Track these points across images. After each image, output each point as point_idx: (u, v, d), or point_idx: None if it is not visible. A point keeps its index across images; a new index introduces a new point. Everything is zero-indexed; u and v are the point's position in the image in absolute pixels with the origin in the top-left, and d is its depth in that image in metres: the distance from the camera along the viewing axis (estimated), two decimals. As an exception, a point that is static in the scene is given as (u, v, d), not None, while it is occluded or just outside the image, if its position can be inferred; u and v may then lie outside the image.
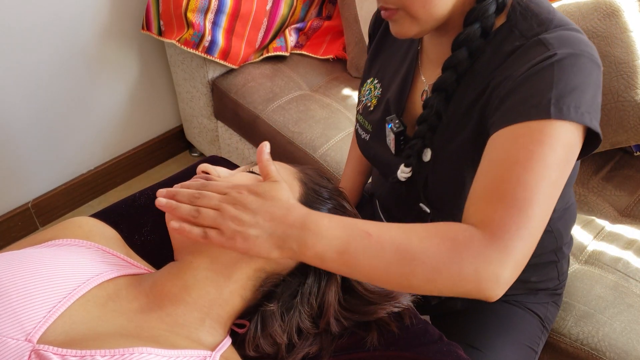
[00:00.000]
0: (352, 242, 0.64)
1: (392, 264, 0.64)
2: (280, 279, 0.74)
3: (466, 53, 0.77)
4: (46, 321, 0.62)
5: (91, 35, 1.69)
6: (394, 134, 0.88)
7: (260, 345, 0.72)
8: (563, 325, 1.11)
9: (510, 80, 0.72)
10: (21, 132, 1.69)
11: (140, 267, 0.79)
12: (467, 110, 0.79)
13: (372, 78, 0.98)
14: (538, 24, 0.74)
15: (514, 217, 0.64)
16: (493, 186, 0.67)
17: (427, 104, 0.82)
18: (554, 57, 0.69)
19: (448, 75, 0.79)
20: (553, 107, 0.67)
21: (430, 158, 0.85)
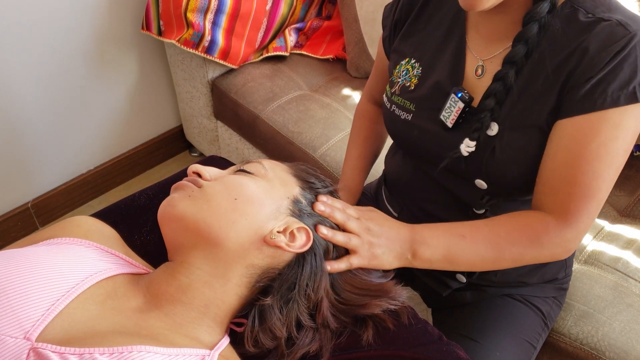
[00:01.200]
0: (452, 245, 0.82)
1: (485, 256, 0.83)
2: (276, 273, 0.74)
3: (537, 28, 0.78)
4: (45, 319, 0.62)
5: (91, 35, 1.70)
6: (465, 103, 0.86)
7: (259, 339, 0.72)
8: (563, 324, 1.11)
9: (591, 62, 0.75)
10: (21, 132, 1.69)
11: (139, 266, 0.79)
12: (544, 84, 0.80)
13: (408, 59, 0.96)
14: (599, 2, 0.77)
15: (587, 204, 0.78)
16: (572, 177, 0.78)
17: (499, 76, 0.83)
18: (635, 39, 0.73)
19: (520, 48, 0.80)
20: (639, 91, 0.73)
21: (497, 132, 0.85)
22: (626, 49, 0.73)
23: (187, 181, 0.76)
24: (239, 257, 0.71)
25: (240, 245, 0.71)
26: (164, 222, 0.75)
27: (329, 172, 1.48)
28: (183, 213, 0.72)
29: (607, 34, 0.74)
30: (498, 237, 0.82)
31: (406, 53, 0.97)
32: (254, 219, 0.72)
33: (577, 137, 0.77)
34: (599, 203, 0.79)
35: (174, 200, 0.74)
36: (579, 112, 0.76)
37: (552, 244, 0.81)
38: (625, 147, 0.77)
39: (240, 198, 0.73)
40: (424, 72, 0.93)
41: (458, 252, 0.82)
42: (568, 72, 0.77)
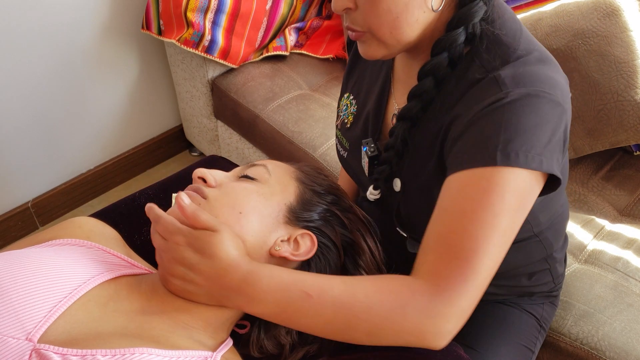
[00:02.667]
0: (291, 304, 0.65)
1: (332, 322, 0.65)
2: None
3: (432, 82, 0.75)
4: (47, 320, 0.62)
5: (91, 35, 1.69)
6: (368, 158, 0.86)
7: (264, 346, 0.72)
8: (563, 324, 1.11)
9: (462, 120, 0.71)
10: (21, 131, 1.69)
11: (140, 267, 0.79)
12: (431, 143, 0.78)
13: (348, 93, 0.96)
14: (500, 54, 0.72)
15: (460, 269, 0.64)
16: (441, 237, 0.67)
17: (392, 132, 0.81)
18: (505, 99, 0.67)
19: (413, 104, 0.77)
20: (500, 153, 0.65)
21: (400, 188, 0.84)
22: (492, 105, 0.67)
23: (192, 190, 0.74)
24: None
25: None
26: None
27: (329, 171, 1.48)
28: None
29: (480, 91, 0.70)
30: (353, 300, 0.65)
31: (347, 87, 0.96)
32: (258, 233, 0.71)
33: (451, 196, 0.69)
34: (476, 272, 0.64)
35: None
36: (451, 171, 0.70)
37: (417, 314, 0.64)
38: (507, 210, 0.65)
39: (245, 211, 0.72)
40: (358, 110, 0.92)
41: (296, 313, 0.65)
42: (446, 130, 0.74)
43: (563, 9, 1.35)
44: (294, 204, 0.76)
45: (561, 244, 1.01)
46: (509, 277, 0.90)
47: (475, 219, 0.65)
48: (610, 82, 1.28)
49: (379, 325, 0.65)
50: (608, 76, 1.28)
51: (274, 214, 0.73)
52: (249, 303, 0.66)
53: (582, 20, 1.30)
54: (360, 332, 0.65)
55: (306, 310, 0.65)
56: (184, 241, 0.66)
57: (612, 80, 1.28)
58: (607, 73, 1.28)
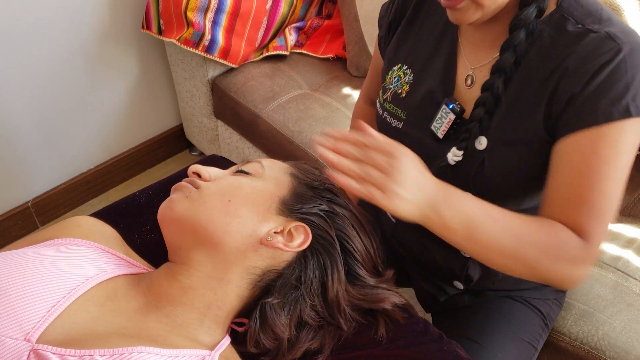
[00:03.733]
0: (477, 219, 0.73)
1: (505, 246, 0.74)
2: (278, 273, 0.74)
3: (524, 34, 0.77)
4: (45, 321, 0.62)
5: (91, 34, 1.69)
6: (455, 114, 0.85)
7: (260, 340, 0.72)
8: (563, 324, 1.11)
9: (580, 77, 0.73)
10: (21, 131, 1.69)
11: (139, 266, 0.79)
12: (532, 97, 0.78)
13: (400, 65, 0.95)
14: (592, 11, 0.76)
15: (601, 226, 0.75)
16: (579, 196, 0.75)
17: (486, 86, 0.81)
18: (622, 52, 0.71)
19: (508, 56, 0.78)
20: (632, 107, 0.71)
21: (485, 146, 0.83)
22: (613, 62, 0.71)
23: (186, 182, 0.76)
24: (237, 259, 0.71)
25: (237, 247, 0.71)
26: (164, 224, 0.75)
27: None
28: (180, 215, 0.72)
29: (594, 47, 0.72)
30: (525, 233, 0.74)
31: (398, 59, 0.95)
32: (248, 222, 0.72)
33: (578, 155, 0.74)
34: (609, 221, 0.77)
35: (172, 202, 0.74)
36: (573, 130, 0.74)
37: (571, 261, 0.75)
38: (628, 163, 0.75)
39: (234, 200, 0.72)
40: (416, 79, 0.92)
41: (480, 229, 0.73)
42: (554, 86, 0.76)
43: (563, 9, 1.34)
44: (287, 197, 0.76)
45: None
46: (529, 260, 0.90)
47: (610, 179, 0.74)
48: (611, 82, 1.28)
49: (538, 261, 0.75)
50: (608, 76, 1.28)
51: (266, 205, 0.74)
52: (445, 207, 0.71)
53: (582, 20, 1.30)
54: (522, 262, 0.75)
55: (489, 229, 0.73)
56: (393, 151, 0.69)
57: (612, 79, 1.27)
58: (607, 72, 1.28)
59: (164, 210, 0.74)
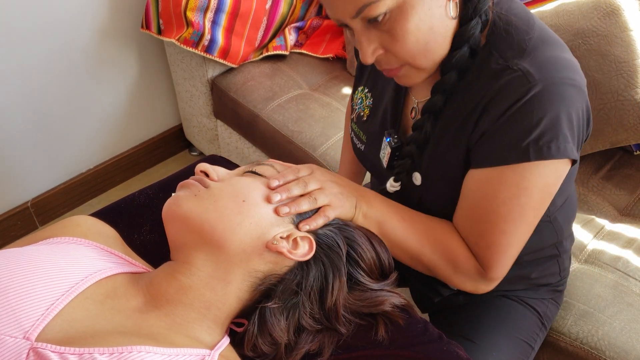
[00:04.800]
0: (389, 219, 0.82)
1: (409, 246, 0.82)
2: (279, 278, 0.73)
3: (455, 76, 0.77)
4: (44, 319, 0.62)
5: (91, 34, 1.69)
6: (391, 148, 0.88)
7: (257, 344, 0.72)
8: (563, 324, 1.11)
9: (492, 115, 0.73)
10: (21, 131, 1.69)
11: (138, 265, 0.79)
12: (455, 134, 0.79)
13: (363, 87, 0.97)
14: (517, 43, 0.73)
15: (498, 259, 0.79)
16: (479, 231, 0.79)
17: (416, 126, 0.82)
18: (532, 91, 0.69)
19: (437, 98, 0.79)
20: (532, 149, 0.70)
21: (420, 182, 0.86)
22: (521, 101, 0.70)
23: (194, 180, 0.75)
24: (240, 261, 0.71)
25: (243, 249, 0.70)
26: (169, 221, 0.74)
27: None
28: (188, 213, 0.71)
29: (508, 86, 0.71)
30: (427, 239, 0.83)
31: (362, 80, 0.97)
32: (258, 224, 0.71)
33: (479, 192, 0.76)
34: (512, 255, 0.80)
35: (179, 199, 0.73)
36: (477, 166, 0.75)
37: (465, 277, 0.83)
38: (532, 204, 0.75)
39: (249, 201, 0.72)
40: (374, 104, 0.94)
41: (390, 228, 0.82)
42: (474, 124, 0.76)
43: (563, 9, 1.35)
44: None
45: (570, 233, 1.02)
46: (520, 265, 0.91)
47: (510, 218, 0.76)
48: (611, 82, 1.28)
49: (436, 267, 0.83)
50: (608, 76, 1.28)
51: None
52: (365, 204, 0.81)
53: (582, 20, 1.30)
54: (423, 263, 0.84)
55: (396, 229, 0.82)
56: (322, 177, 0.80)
57: (612, 79, 1.28)
58: (607, 72, 1.28)
59: (171, 207, 0.73)
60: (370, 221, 0.81)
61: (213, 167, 0.77)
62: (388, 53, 0.73)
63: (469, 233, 0.81)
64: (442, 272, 0.84)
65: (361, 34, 0.71)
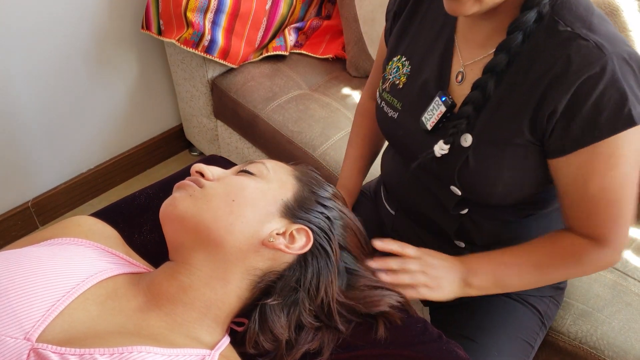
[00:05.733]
0: (498, 273, 0.88)
1: (531, 279, 0.89)
2: (278, 275, 0.74)
3: (521, 38, 0.77)
4: (45, 320, 0.62)
5: (91, 35, 1.70)
6: (447, 107, 0.86)
7: (259, 341, 0.72)
8: (562, 323, 1.11)
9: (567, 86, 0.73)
10: (21, 131, 1.69)
11: (139, 265, 0.79)
12: (518, 99, 0.79)
13: (400, 56, 0.96)
14: (582, 15, 0.75)
15: (616, 228, 0.82)
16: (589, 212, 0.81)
17: (477, 85, 0.81)
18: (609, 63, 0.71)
19: (502, 57, 0.78)
20: (635, 113, 0.72)
21: (471, 143, 0.84)
22: (604, 73, 0.71)
23: (189, 181, 0.76)
24: (238, 259, 0.71)
25: (239, 247, 0.71)
26: (165, 222, 0.75)
27: (329, 171, 1.48)
28: (183, 213, 0.72)
29: (582, 56, 0.72)
30: (540, 262, 0.87)
31: (398, 50, 0.97)
32: (251, 222, 0.72)
33: (579, 174, 0.78)
34: (626, 221, 0.82)
35: (175, 200, 0.74)
36: (576, 147, 0.76)
37: (594, 262, 0.85)
38: (630, 168, 0.77)
39: (238, 200, 0.73)
40: (413, 71, 0.93)
41: (505, 278, 0.88)
42: (542, 92, 0.76)
43: (562, 9, 1.34)
44: (291, 200, 0.76)
45: None
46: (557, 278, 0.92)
47: (616, 187, 0.78)
48: (610, 82, 1.28)
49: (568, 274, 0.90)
50: (607, 76, 1.28)
51: (269, 207, 0.74)
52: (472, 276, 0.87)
53: (581, 20, 1.30)
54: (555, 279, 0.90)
55: (510, 275, 0.88)
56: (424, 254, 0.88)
57: (611, 79, 1.28)
58: (606, 73, 1.28)
59: (167, 208, 0.74)
60: (485, 288, 0.88)
61: (208, 167, 0.78)
62: None
63: (582, 215, 0.83)
64: (577, 274, 0.91)
65: None
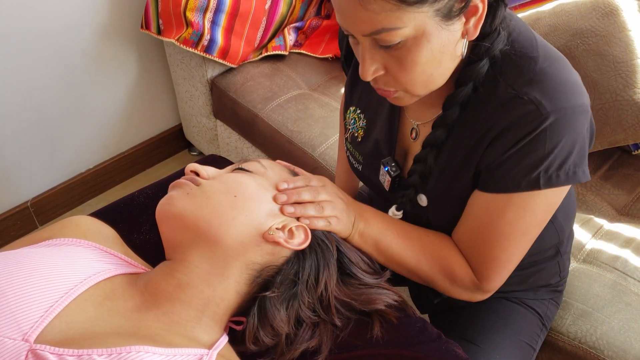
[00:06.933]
0: (386, 236, 0.84)
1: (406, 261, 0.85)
2: (276, 269, 0.74)
3: (458, 111, 0.77)
4: (43, 321, 0.62)
5: (90, 34, 1.70)
6: (391, 176, 0.88)
7: (259, 336, 0.72)
8: (561, 323, 1.11)
9: (502, 144, 0.73)
10: (20, 131, 1.69)
11: (138, 266, 0.79)
12: (461, 162, 0.80)
13: (354, 107, 0.96)
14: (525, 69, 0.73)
15: (498, 275, 0.83)
16: (481, 249, 0.81)
17: (418, 159, 0.83)
18: (545, 122, 0.70)
19: (440, 132, 0.79)
20: (542, 179, 0.73)
21: (427, 203, 0.87)
22: (534, 133, 0.70)
23: (185, 179, 0.76)
24: (238, 254, 0.71)
25: (240, 242, 0.71)
26: (163, 221, 0.75)
27: (328, 171, 1.48)
28: (182, 211, 0.72)
29: (520, 116, 0.71)
30: (424, 254, 0.85)
31: (353, 100, 0.96)
32: (253, 216, 0.73)
33: (485, 212, 0.79)
34: (510, 269, 0.83)
35: (172, 198, 0.74)
36: (487, 190, 0.77)
37: (461, 289, 0.86)
38: (535, 223, 0.79)
39: (240, 195, 0.73)
40: (368, 125, 0.94)
41: (387, 244, 0.84)
42: (483, 151, 0.76)
43: (562, 9, 1.35)
44: None
45: (569, 232, 1.03)
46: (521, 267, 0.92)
47: (512, 238, 0.78)
48: (609, 82, 1.28)
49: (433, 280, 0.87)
50: (607, 76, 1.28)
51: (270, 202, 0.75)
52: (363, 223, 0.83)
53: (580, 20, 1.30)
54: (420, 277, 0.87)
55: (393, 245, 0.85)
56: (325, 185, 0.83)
57: (610, 79, 1.28)
58: (605, 73, 1.28)
59: (164, 207, 0.74)
60: (366, 239, 0.83)
61: (203, 167, 0.79)
62: (388, 75, 0.72)
63: (469, 248, 0.83)
64: (439, 285, 0.87)
65: (366, 51, 0.70)
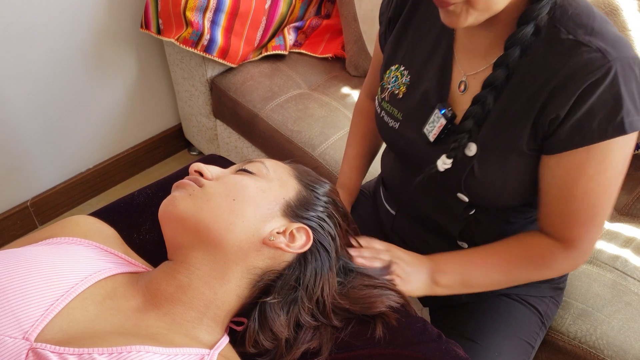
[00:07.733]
0: (466, 272, 0.90)
1: (498, 279, 0.90)
2: (277, 274, 0.74)
3: (518, 52, 0.77)
4: (44, 319, 0.62)
5: (90, 34, 1.69)
6: (447, 119, 0.86)
7: (259, 340, 0.72)
8: (561, 323, 1.11)
9: (568, 94, 0.73)
10: (20, 130, 1.69)
11: (138, 265, 0.79)
12: (520, 109, 0.79)
13: (398, 65, 0.95)
14: (583, 21, 0.74)
15: (587, 230, 0.83)
16: (566, 212, 0.81)
17: (477, 99, 0.81)
18: (613, 69, 0.71)
19: (500, 72, 0.78)
20: (626, 123, 0.73)
21: (475, 152, 0.84)
22: (605, 80, 0.71)
23: (188, 180, 0.76)
24: (238, 258, 0.71)
25: (239, 246, 0.71)
26: (165, 222, 0.75)
27: (328, 170, 1.48)
28: (183, 213, 0.72)
29: (584, 63, 0.72)
30: (508, 263, 0.88)
31: (396, 59, 0.96)
32: (251, 221, 0.72)
33: (566, 174, 0.78)
34: (599, 225, 0.83)
35: (175, 199, 0.74)
36: (566, 148, 0.76)
37: (560, 265, 0.87)
38: (616, 174, 0.78)
39: (239, 199, 0.72)
40: (412, 81, 0.92)
41: (472, 278, 0.89)
42: (543, 101, 0.76)
43: (562, 8, 1.34)
44: (292, 199, 0.76)
45: None
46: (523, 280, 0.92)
47: (597, 192, 0.78)
48: (609, 81, 1.28)
49: (531, 276, 0.90)
50: (607, 75, 1.28)
51: (271, 206, 0.74)
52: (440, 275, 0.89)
53: (580, 20, 1.30)
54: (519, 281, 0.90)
55: (478, 275, 0.89)
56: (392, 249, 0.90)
57: (610, 79, 1.27)
58: (605, 72, 1.27)
59: (166, 208, 0.74)
60: (451, 285, 0.89)
61: (207, 166, 0.78)
62: None
63: (558, 216, 0.83)
64: (542, 276, 0.90)
65: None
